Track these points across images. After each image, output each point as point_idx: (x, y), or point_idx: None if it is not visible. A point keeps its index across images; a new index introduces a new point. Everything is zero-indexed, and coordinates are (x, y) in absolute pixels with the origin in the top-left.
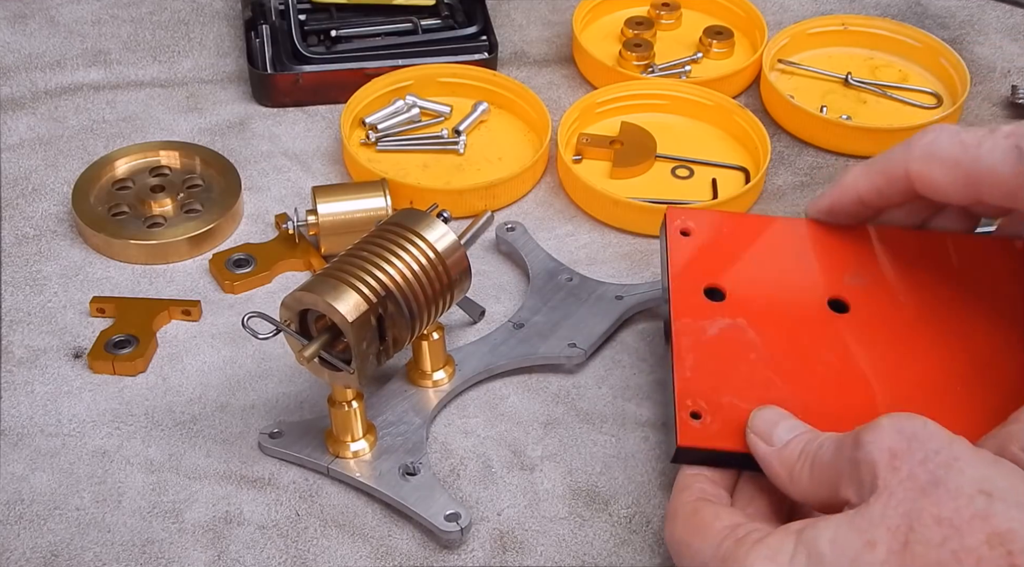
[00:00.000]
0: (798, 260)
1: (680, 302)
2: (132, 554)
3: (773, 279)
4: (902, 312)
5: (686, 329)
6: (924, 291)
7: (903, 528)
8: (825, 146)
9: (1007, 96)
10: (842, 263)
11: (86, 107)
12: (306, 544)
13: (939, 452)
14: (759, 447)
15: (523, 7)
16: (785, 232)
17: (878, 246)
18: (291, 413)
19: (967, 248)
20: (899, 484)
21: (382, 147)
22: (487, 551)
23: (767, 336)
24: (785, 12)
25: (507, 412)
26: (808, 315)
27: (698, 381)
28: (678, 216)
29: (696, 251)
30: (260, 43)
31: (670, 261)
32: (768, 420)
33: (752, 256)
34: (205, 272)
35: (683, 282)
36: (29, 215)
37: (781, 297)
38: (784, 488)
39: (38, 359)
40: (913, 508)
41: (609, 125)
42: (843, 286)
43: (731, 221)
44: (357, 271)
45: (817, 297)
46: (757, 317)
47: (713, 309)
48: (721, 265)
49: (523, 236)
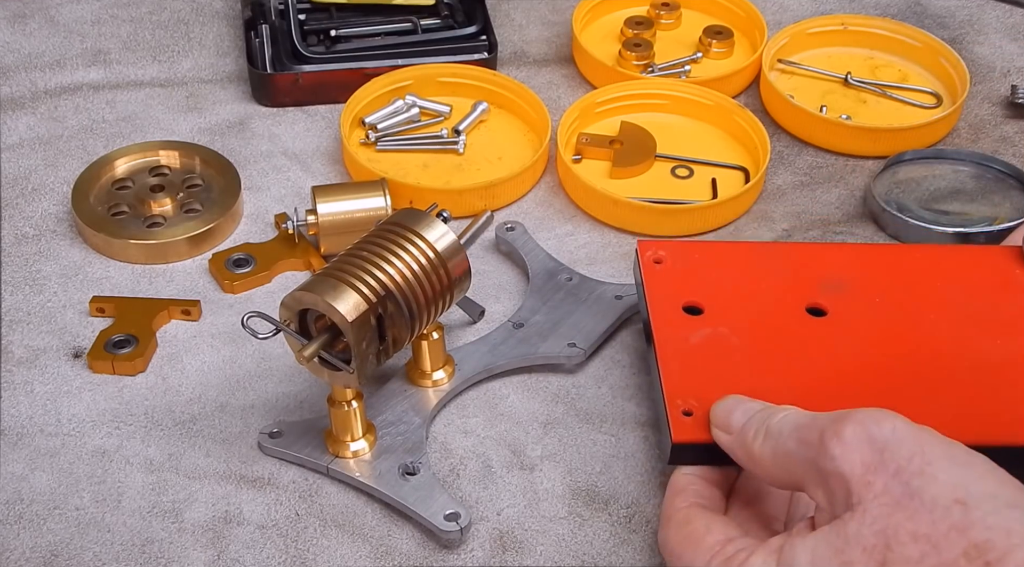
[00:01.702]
0: (771, 277)
1: (660, 319)
2: (132, 554)
3: (749, 293)
4: (879, 313)
5: (668, 339)
6: (899, 293)
7: (880, 547)
8: (825, 146)
9: (1007, 96)
10: (815, 276)
11: (86, 107)
12: (306, 544)
13: (911, 459)
14: (721, 438)
15: (523, 7)
16: (756, 254)
17: (848, 260)
18: (291, 413)
19: (938, 257)
20: (873, 499)
21: (382, 147)
22: (487, 551)
23: (749, 339)
24: (785, 12)
25: (507, 412)
26: (788, 321)
27: (686, 382)
28: (649, 248)
29: (670, 275)
30: (260, 43)
31: (646, 286)
32: (725, 409)
33: (726, 276)
34: (205, 272)
35: (661, 302)
36: (29, 215)
37: (759, 307)
38: (754, 473)
39: (38, 359)
40: (889, 525)
41: (609, 125)
42: (819, 295)
43: (701, 249)
44: (357, 271)
45: (795, 305)
46: (737, 325)
47: (693, 322)
48: (696, 285)
49: (523, 236)
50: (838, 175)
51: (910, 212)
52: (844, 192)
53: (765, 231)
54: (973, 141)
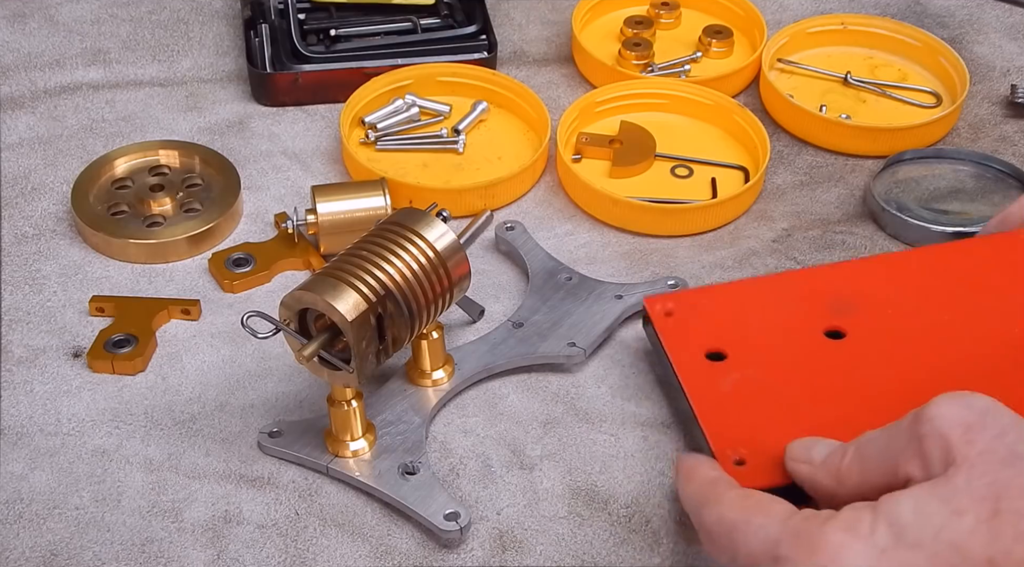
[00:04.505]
0: (783, 308)
1: (687, 371)
2: (131, 553)
3: (765, 329)
4: (896, 324)
5: (701, 391)
6: (911, 300)
7: (990, 498)
8: (824, 145)
9: (1006, 95)
10: (826, 300)
11: (85, 106)
12: (305, 543)
13: (1014, 425)
14: (801, 469)
15: (522, 6)
16: (762, 288)
17: (854, 276)
18: (290, 412)
19: (941, 257)
20: (978, 456)
21: (381, 146)
22: (486, 550)
23: (778, 377)
24: (784, 11)
25: (506, 411)
26: (810, 350)
27: (729, 432)
28: (657, 302)
29: (684, 326)
30: (259, 42)
31: (663, 341)
32: (804, 445)
33: (739, 316)
34: (204, 271)
35: (682, 354)
36: (28, 214)
37: (779, 342)
38: (829, 497)
39: (37, 358)
40: (999, 479)
41: (608, 124)
42: (833, 317)
43: (708, 293)
44: (356, 270)
45: (813, 332)
46: (763, 364)
47: (720, 369)
48: (713, 331)
49: (522, 235)
50: (838, 175)
51: (910, 212)
52: (844, 192)
53: (765, 230)
54: (973, 141)
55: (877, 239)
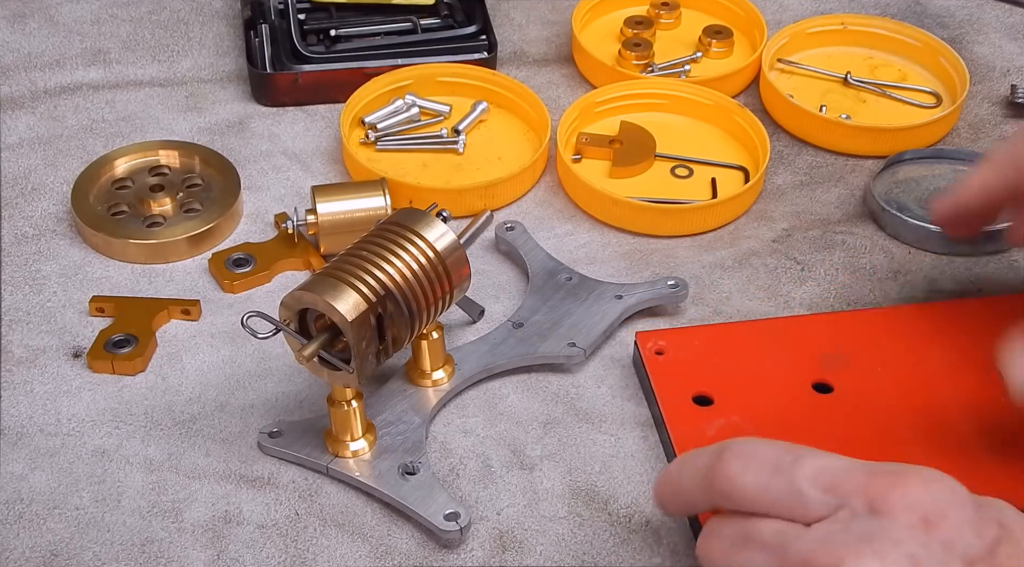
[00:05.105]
0: (773, 355)
1: (673, 414)
2: (131, 553)
3: (754, 375)
4: (883, 382)
5: (685, 436)
6: (901, 357)
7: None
8: (824, 145)
9: (1006, 95)
10: (816, 351)
11: (85, 106)
12: (305, 543)
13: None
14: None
15: (522, 6)
16: (754, 333)
17: (846, 329)
18: (290, 412)
19: (934, 316)
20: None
21: (381, 146)
22: (486, 550)
23: (762, 426)
24: (784, 11)
25: (506, 411)
26: (796, 402)
27: None
28: (649, 339)
29: (674, 366)
30: (259, 42)
31: (652, 381)
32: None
33: (729, 360)
34: (204, 271)
35: (670, 395)
36: (28, 214)
37: (766, 390)
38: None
39: (37, 358)
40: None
41: (608, 124)
42: (822, 370)
43: (700, 334)
44: (356, 270)
45: (800, 383)
46: (749, 413)
47: (705, 414)
48: (702, 374)
49: (522, 235)
50: (838, 175)
51: (910, 212)
52: (844, 192)
53: (765, 231)
54: (973, 141)
55: (877, 239)
